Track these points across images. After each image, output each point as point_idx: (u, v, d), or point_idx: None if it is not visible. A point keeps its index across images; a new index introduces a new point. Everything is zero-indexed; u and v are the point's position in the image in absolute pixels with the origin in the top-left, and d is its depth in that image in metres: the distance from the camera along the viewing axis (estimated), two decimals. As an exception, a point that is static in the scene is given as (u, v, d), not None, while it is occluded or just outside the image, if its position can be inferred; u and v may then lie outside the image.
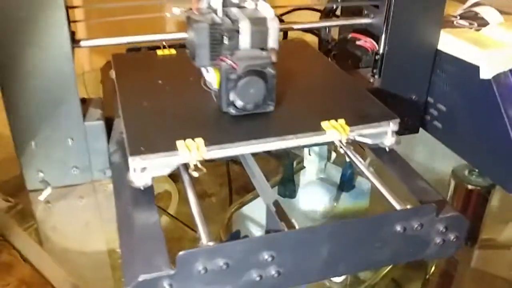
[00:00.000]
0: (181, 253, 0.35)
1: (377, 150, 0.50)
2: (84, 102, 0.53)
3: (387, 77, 0.62)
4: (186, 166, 0.43)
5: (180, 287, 0.36)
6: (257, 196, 0.63)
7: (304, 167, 0.69)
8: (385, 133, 0.48)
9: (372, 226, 0.40)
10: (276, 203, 0.41)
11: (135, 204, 0.42)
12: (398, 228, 0.40)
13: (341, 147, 0.46)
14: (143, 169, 0.42)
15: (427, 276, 0.57)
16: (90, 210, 0.56)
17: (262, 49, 0.47)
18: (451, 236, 0.43)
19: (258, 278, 0.38)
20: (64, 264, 0.52)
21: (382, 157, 0.49)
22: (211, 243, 0.36)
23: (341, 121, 0.47)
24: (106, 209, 0.55)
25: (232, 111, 0.47)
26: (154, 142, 0.43)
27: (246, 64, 0.45)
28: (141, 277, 0.35)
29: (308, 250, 0.38)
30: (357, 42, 0.65)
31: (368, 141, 0.48)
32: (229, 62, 0.45)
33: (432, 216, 0.41)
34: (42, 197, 0.52)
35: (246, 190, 0.65)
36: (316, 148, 0.72)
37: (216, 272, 0.36)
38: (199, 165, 0.42)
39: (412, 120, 0.64)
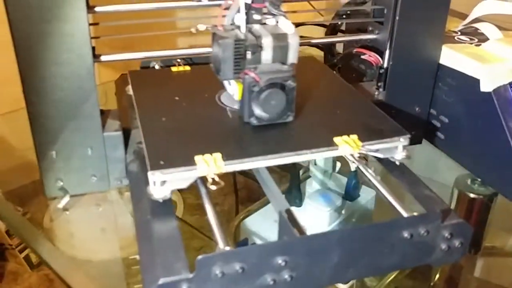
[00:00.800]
0: (200, 257, 0.37)
1: (385, 162, 0.52)
2: (103, 113, 0.55)
3: (391, 90, 0.64)
4: (202, 179, 0.45)
5: (198, 290, 0.38)
6: (263, 205, 0.65)
7: (310, 177, 0.71)
8: (395, 148, 0.49)
9: (380, 232, 0.41)
10: (288, 211, 0.43)
11: (153, 212, 0.44)
12: (406, 234, 0.42)
13: (354, 162, 0.48)
14: (163, 182, 0.43)
15: (432, 284, 0.58)
16: (106, 217, 0.58)
17: (283, 63, 0.49)
18: (456, 243, 0.45)
19: (271, 282, 0.39)
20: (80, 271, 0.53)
21: (389, 167, 0.51)
22: (228, 248, 0.38)
23: (354, 136, 0.48)
24: (122, 216, 0.57)
25: (254, 121, 0.49)
26: (173, 157, 0.44)
27: (268, 78, 0.47)
28: (161, 280, 0.37)
29: (320, 255, 0.40)
30: (362, 57, 0.67)
31: (379, 155, 0.49)
32: (253, 75, 0.47)
33: (438, 223, 0.43)
34: (61, 204, 0.54)
35: (251, 200, 0.66)
36: (321, 159, 0.74)
37: (232, 276, 0.38)
38: (217, 179, 0.43)
39: (415, 132, 0.65)
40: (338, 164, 0.74)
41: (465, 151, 0.61)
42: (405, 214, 0.43)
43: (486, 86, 0.56)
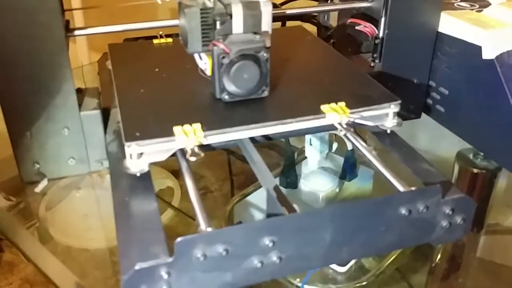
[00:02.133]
0: (178, 239, 0.34)
1: (379, 134, 0.49)
2: (80, 91, 0.53)
3: (387, 61, 0.61)
4: (183, 152, 0.42)
5: (178, 275, 0.35)
6: (258, 187, 0.62)
7: (306, 157, 0.69)
8: (386, 115, 0.47)
9: (375, 208, 0.38)
10: (276, 188, 0.40)
11: (132, 192, 0.41)
12: (403, 211, 0.39)
13: (341, 130, 0.45)
14: (140, 155, 0.41)
15: (433, 265, 0.56)
16: (87, 201, 0.56)
17: (255, 33, 0.46)
18: (458, 219, 0.42)
19: (259, 265, 0.37)
20: (63, 257, 0.51)
21: (384, 140, 0.49)
22: (209, 229, 0.35)
23: (341, 104, 0.46)
24: (104, 201, 0.55)
25: (225, 97, 0.47)
26: (151, 128, 0.42)
27: (239, 49, 0.44)
28: (138, 265, 0.34)
29: (310, 234, 0.37)
30: (356, 28, 0.64)
31: (369, 123, 0.47)
32: (222, 46, 0.44)
33: (438, 198, 0.40)
34: (39, 189, 0.52)
35: (248, 185, 0.64)
36: (317, 138, 0.71)
37: (216, 258, 0.35)
38: (196, 150, 0.41)
39: (414, 105, 0.63)
40: (335, 144, 0.72)
41: (467, 124, 0.58)
42: (402, 189, 0.40)
43: (489, 53, 0.53)
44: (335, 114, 0.45)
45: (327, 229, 0.38)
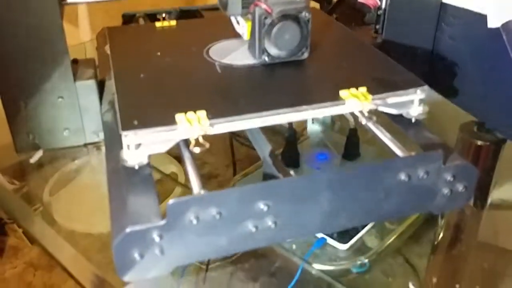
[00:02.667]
0: (171, 201, 0.33)
1: (398, 119, 0.45)
2: (76, 62, 0.52)
3: (390, 33, 0.59)
4: (186, 142, 0.39)
5: (171, 239, 0.34)
6: (260, 167, 0.61)
7: (307, 137, 0.68)
8: (411, 102, 0.43)
9: (374, 173, 0.37)
10: (272, 154, 0.39)
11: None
12: (403, 176, 0.38)
13: (362, 119, 0.41)
14: (138, 145, 0.37)
15: (436, 242, 0.55)
16: (91, 186, 0.55)
17: None
18: (459, 187, 0.41)
19: (254, 229, 0.36)
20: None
21: (403, 125, 0.45)
22: (202, 191, 0.35)
23: (362, 89, 0.42)
24: (100, 172, 0.54)
25: (265, 59, 0.45)
26: (150, 116, 0.39)
27: (281, 9, 0.43)
28: (129, 229, 0.33)
29: (306, 199, 0.36)
30: (359, 0, 0.63)
31: (393, 111, 0.43)
32: (264, 6, 0.43)
33: (439, 164, 0.39)
34: (33, 159, 0.51)
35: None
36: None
37: (209, 222, 0.35)
38: (201, 140, 0.37)
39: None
40: (338, 123, 0.71)
41: (471, 96, 0.57)
42: (401, 154, 0.39)
43: (494, 22, 0.51)
44: (356, 100, 0.41)
45: (323, 195, 0.37)
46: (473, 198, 0.57)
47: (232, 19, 0.47)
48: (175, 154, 0.66)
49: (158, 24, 0.57)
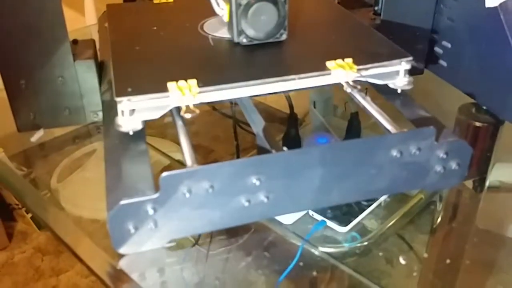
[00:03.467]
0: (164, 174, 0.34)
1: (384, 90, 0.47)
2: (76, 43, 0.52)
3: (388, 14, 0.59)
4: (179, 110, 0.40)
5: (164, 211, 0.35)
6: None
7: (309, 122, 0.68)
8: (396, 73, 0.44)
9: (366, 149, 0.38)
10: (265, 129, 0.39)
11: (123, 134, 0.41)
12: (395, 152, 0.38)
13: (347, 88, 0.43)
14: (132, 111, 0.39)
15: (434, 226, 0.55)
16: (97, 172, 0.55)
17: None
18: (453, 164, 0.41)
19: (246, 203, 0.37)
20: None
21: (389, 96, 0.46)
22: (195, 165, 0.35)
23: (348, 60, 0.43)
24: (102, 156, 0.55)
25: (243, 40, 0.45)
26: (144, 83, 0.40)
27: None
28: (123, 201, 0.34)
29: (298, 174, 0.37)
30: (359, -19, 0.62)
31: (378, 81, 0.44)
32: None
33: (431, 141, 0.39)
34: (34, 138, 0.52)
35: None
36: (321, 101, 0.70)
37: (202, 195, 0.35)
38: (191, 107, 0.39)
39: (416, 61, 0.61)
40: (339, 108, 0.71)
41: (469, 78, 0.56)
42: (393, 131, 0.39)
43: (492, 1, 0.51)
44: (341, 70, 0.42)
45: (316, 170, 0.37)
46: (472, 180, 0.57)
47: (212, 1, 0.47)
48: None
49: (156, 0, 0.59)
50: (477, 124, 0.55)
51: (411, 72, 0.60)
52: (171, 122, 0.41)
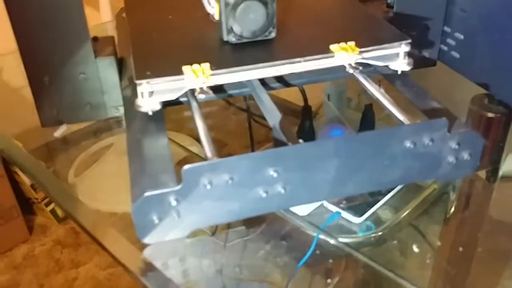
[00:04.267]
0: (186, 167, 0.35)
1: (389, 76, 0.49)
2: (96, 40, 0.54)
3: (401, 7, 0.59)
4: (193, 92, 0.44)
5: (187, 203, 0.37)
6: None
7: (323, 114, 0.69)
8: (396, 55, 0.47)
9: (380, 140, 0.39)
10: (282, 122, 0.41)
11: (145, 130, 0.43)
12: (408, 143, 0.39)
13: (350, 69, 0.46)
14: (151, 93, 0.42)
15: (448, 216, 0.56)
16: (114, 166, 0.57)
17: None
18: (465, 154, 0.42)
19: (264, 194, 0.38)
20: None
21: (390, 78, 0.49)
22: (215, 158, 0.37)
23: (351, 43, 0.46)
24: (123, 153, 0.56)
25: (232, 39, 0.47)
26: (161, 67, 0.43)
27: None
28: (147, 193, 0.36)
29: (314, 166, 0.38)
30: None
31: (379, 63, 0.47)
32: None
33: (444, 132, 0.40)
34: (58, 133, 0.53)
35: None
36: (334, 94, 0.71)
37: (222, 187, 0.37)
38: (205, 88, 0.42)
39: (429, 53, 0.62)
40: (353, 100, 0.72)
41: (482, 69, 0.57)
42: (407, 122, 0.40)
43: (504, -8, 0.51)
44: (344, 53, 0.45)
45: (331, 162, 0.38)
46: (485, 170, 0.57)
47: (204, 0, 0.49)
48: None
49: None
50: (490, 114, 0.55)
51: (424, 64, 0.61)
52: (186, 117, 0.44)
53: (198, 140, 0.40)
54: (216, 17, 0.49)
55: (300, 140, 0.39)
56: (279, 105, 0.43)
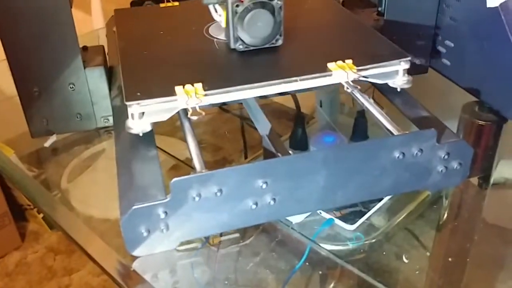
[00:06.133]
0: (174, 179, 0.35)
1: (384, 88, 0.48)
2: (86, 49, 0.54)
3: (391, 14, 0.60)
4: (185, 111, 0.42)
5: (175, 215, 0.37)
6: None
7: (316, 120, 0.69)
8: (395, 73, 0.46)
9: (368, 151, 0.39)
10: (272, 133, 0.41)
11: (133, 141, 0.43)
12: (397, 154, 0.39)
13: (347, 88, 0.44)
14: (141, 114, 0.41)
15: (440, 223, 0.56)
16: (107, 172, 0.56)
17: None
18: (454, 164, 0.42)
19: (254, 206, 0.38)
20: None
21: (389, 95, 0.48)
22: (204, 171, 0.37)
23: (348, 61, 0.44)
24: (111, 156, 0.56)
25: (240, 47, 0.47)
26: (152, 88, 0.42)
27: None
28: (135, 206, 0.36)
29: (304, 176, 0.38)
30: (362, -18, 0.63)
31: (378, 81, 0.45)
32: None
33: (433, 142, 0.40)
34: (48, 143, 0.53)
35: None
36: (327, 100, 0.71)
37: (211, 199, 0.37)
38: (198, 109, 0.40)
39: (420, 60, 0.62)
40: (346, 106, 0.72)
41: (472, 76, 0.57)
42: (396, 133, 0.40)
43: (493, 1, 0.51)
44: (342, 71, 0.43)
45: (320, 172, 0.38)
46: (477, 177, 0.57)
47: (211, 7, 0.48)
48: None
49: (162, 5, 0.60)
50: (481, 122, 0.55)
51: (415, 71, 0.61)
52: (178, 122, 0.43)
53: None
54: (223, 25, 0.48)
55: (290, 151, 0.39)
56: (272, 108, 0.42)
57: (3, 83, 0.76)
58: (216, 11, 0.49)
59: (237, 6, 0.45)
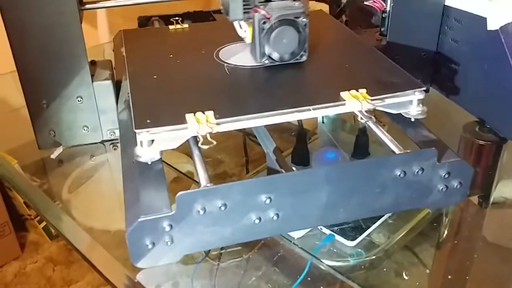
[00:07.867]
0: (180, 193, 0.36)
1: (397, 118, 0.46)
2: (94, 63, 0.55)
3: (394, 35, 0.61)
4: (195, 139, 0.41)
5: (180, 228, 0.37)
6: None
7: (318, 136, 0.69)
8: (409, 103, 0.45)
9: (370, 169, 0.40)
10: (276, 150, 0.41)
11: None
12: (398, 172, 0.40)
13: (361, 118, 0.44)
14: (151, 142, 0.40)
15: (440, 240, 0.56)
16: (108, 183, 0.56)
17: (294, 0, 0.47)
18: (455, 183, 0.43)
19: (257, 221, 0.38)
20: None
21: (402, 124, 0.47)
22: (209, 185, 0.37)
23: (362, 90, 0.44)
24: (117, 170, 0.56)
25: (266, 62, 0.47)
26: (162, 115, 0.41)
27: (279, 14, 0.46)
28: (141, 218, 0.36)
29: (306, 193, 0.39)
30: (366, 2, 0.64)
31: (392, 110, 0.45)
32: (263, 12, 0.45)
33: (433, 161, 0.41)
34: (54, 155, 0.54)
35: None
36: (329, 117, 0.72)
37: (215, 213, 0.37)
38: (209, 138, 0.39)
39: (422, 80, 0.62)
40: (348, 123, 0.73)
41: (473, 96, 0.58)
42: (397, 151, 0.41)
43: (493, 24, 0.53)
44: (356, 101, 0.42)
45: (322, 189, 0.39)
46: (477, 196, 0.58)
47: (235, 23, 0.49)
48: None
49: (171, 27, 0.60)
50: (481, 142, 0.56)
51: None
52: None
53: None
54: (248, 41, 0.49)
55: (293, 168, 0.40)
56: (275, 124, 0.42)
57: (11, 95, 0.77)
58: (241, 27, 0.50)
59: (264, 23, 0.46)
